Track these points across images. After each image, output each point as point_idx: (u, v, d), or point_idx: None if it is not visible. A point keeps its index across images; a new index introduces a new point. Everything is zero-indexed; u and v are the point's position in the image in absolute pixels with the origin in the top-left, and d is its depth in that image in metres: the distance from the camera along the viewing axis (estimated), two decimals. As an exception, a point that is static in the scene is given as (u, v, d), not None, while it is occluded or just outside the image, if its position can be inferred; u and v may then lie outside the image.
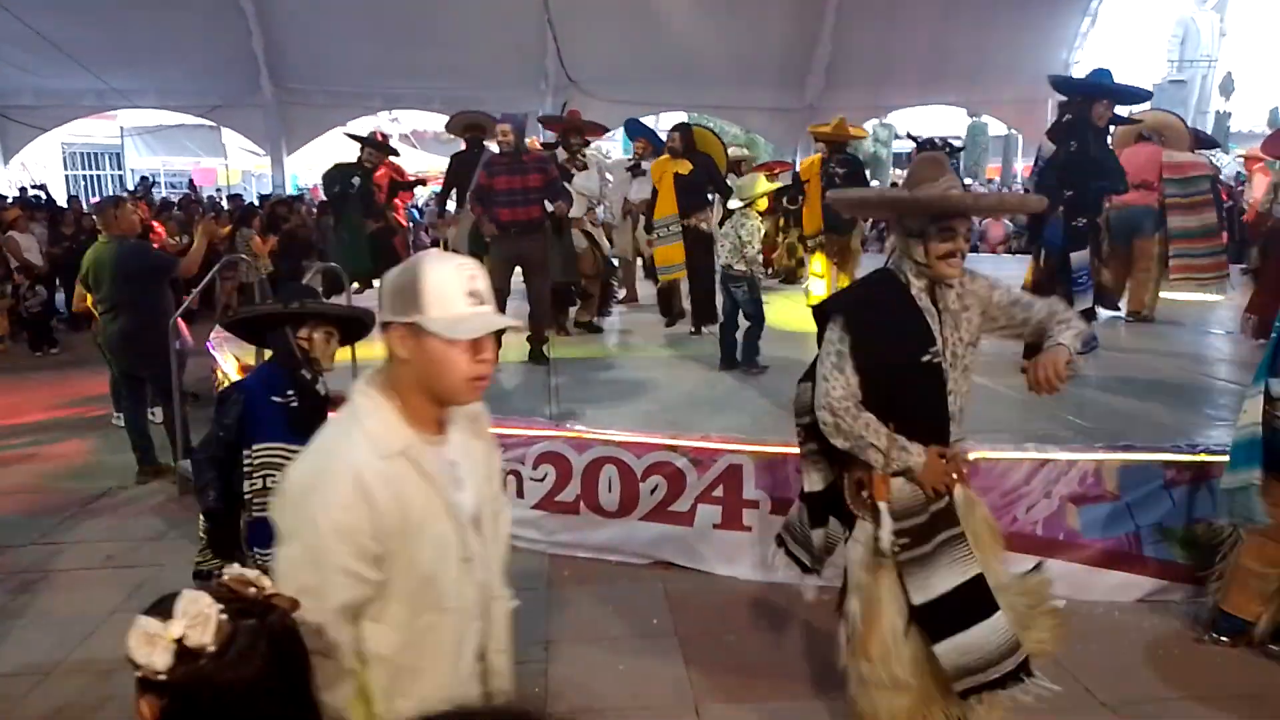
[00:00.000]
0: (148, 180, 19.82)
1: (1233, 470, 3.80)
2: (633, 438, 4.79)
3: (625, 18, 16.63)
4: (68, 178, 24.02)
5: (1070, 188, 5.85)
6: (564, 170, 7.79)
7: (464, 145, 8.85)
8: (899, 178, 19.97)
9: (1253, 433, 3.75)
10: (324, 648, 1.59)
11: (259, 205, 15.79)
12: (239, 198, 18.84)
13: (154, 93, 18.30)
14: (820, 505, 2.91)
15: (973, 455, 2.81)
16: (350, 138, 9.44)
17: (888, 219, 4.52)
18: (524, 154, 6.71)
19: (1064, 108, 6.18)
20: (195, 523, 5.24)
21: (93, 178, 25.05)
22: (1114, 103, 6.07)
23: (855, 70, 18.08)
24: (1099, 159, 5.97)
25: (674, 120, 10.69)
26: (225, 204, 16.87)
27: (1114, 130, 6.74)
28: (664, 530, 4.71)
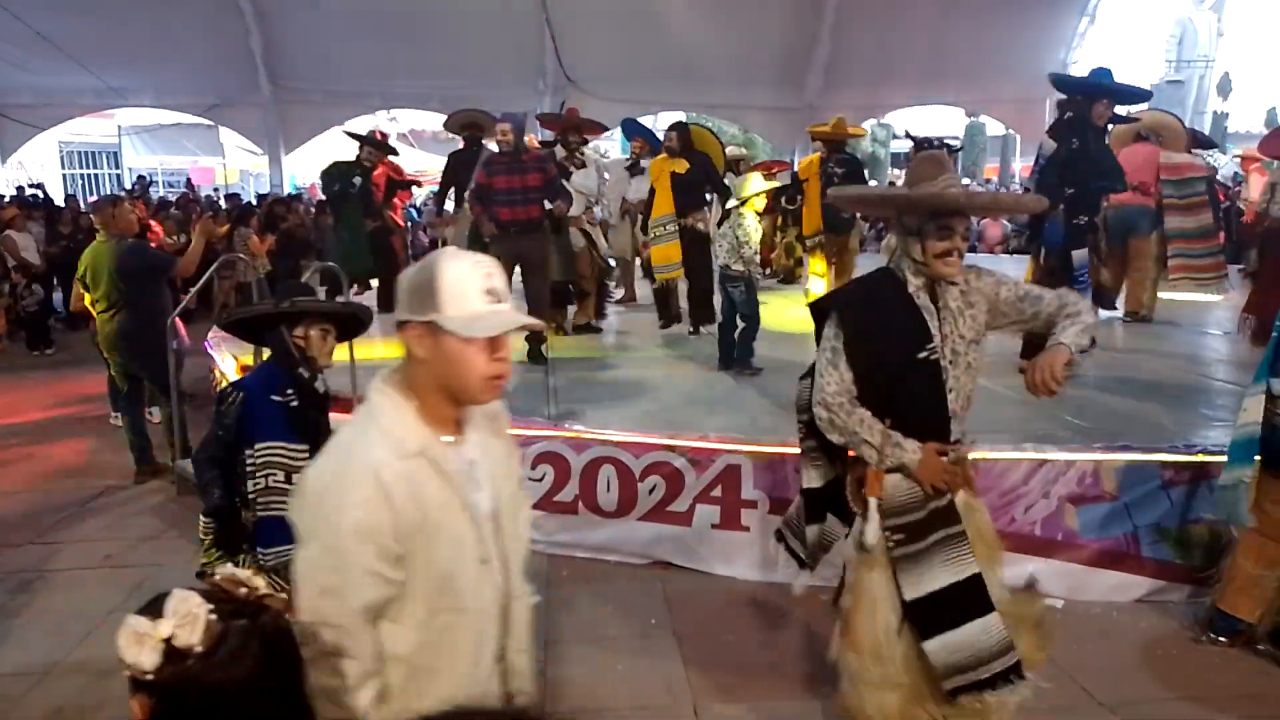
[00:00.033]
0: (145, 179, 19.78)
1: (1229, 468, 3.84)
2: (631, 438, 4.79)
3: (623, 17, 16.61)
4: (65, 177, 23.99)
5: (1071, 185, 5.85)
6: (562, 168, 7.79)
7: (462, 144, 8.85)
8: (897, 177, 19.99)
9: (1251, 432, 3.76)
10: (347, 649, 1.57)
11: (257, 204, 15.79)
12: (237, 197, 18.83)
13: (152, 91, 18.26)
14: (818, 502, 2.93)
15: (971, 455, 2.78)
16: (349, 136, 9.41)
17: (888, 217, 4.53)
18: (523, 153, 6.70)
19: (1063, 106, 6.17)
20: (194, 522, 5.29)
21: (90, 177, 25.00)
22: (1114, 102, 6.06)
23: (854, 70, 18.07)
24: (1098, 158, 5.97)
25: (672, 120, 10.69)
26: (223, 203, 16.85)
27: (1111, 129, 6.73)
28: (662, 530, 4.72)
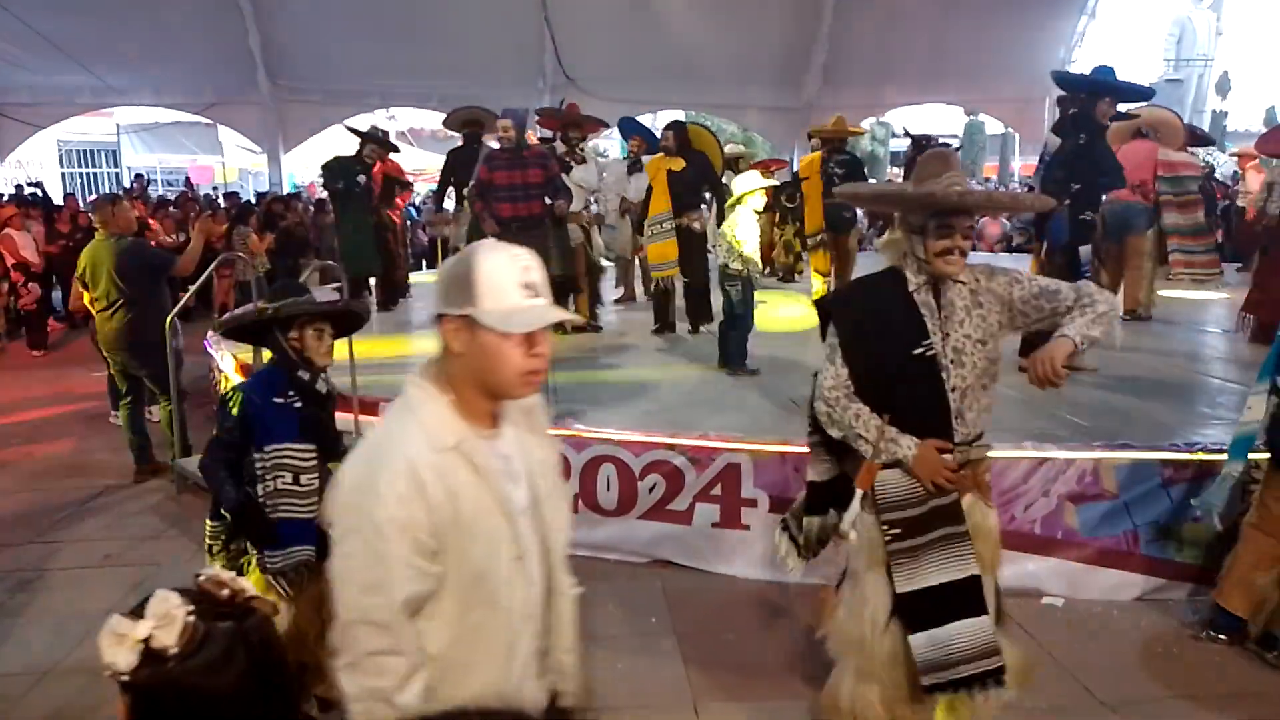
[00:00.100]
0: (143, 178, 19.76)
1: (1227, 465, 3.88)
2: (631, 436, 4.79)
3: (623, 16, 16.58)
4: (64, 175, 23.95)
5: (1077, 182, 5.84)
6: (563, 163, 7.78)
7: (461, 141, 8.85)
8: (896, 175, 19.98)
9: (1252, 430, 3.78)
10: (393, 645, 1.55)
11: (256, 203, 15.79)
12: (235, 195, 18.82)
13: (150, 90, 18.21)
14: (822, 495, 2.93)
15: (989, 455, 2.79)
16: (351, 131, 9.39)
17: (888, 215, 4.52)
18: (524, 149, 6.69)
19: (1066, 104, 6.16)
20: (194, 521, 5.30)
21: (89, 175, 24.95)
22: (1116, 100, 6.06)
23: (853, 69, 18.05)
24: (1101, 155, 5.97)
25: (671, 119, 10.68)
26: (222, 202, 16.83)
27: (1110, 126, 6.75)
28: (662, 529, 4.72)
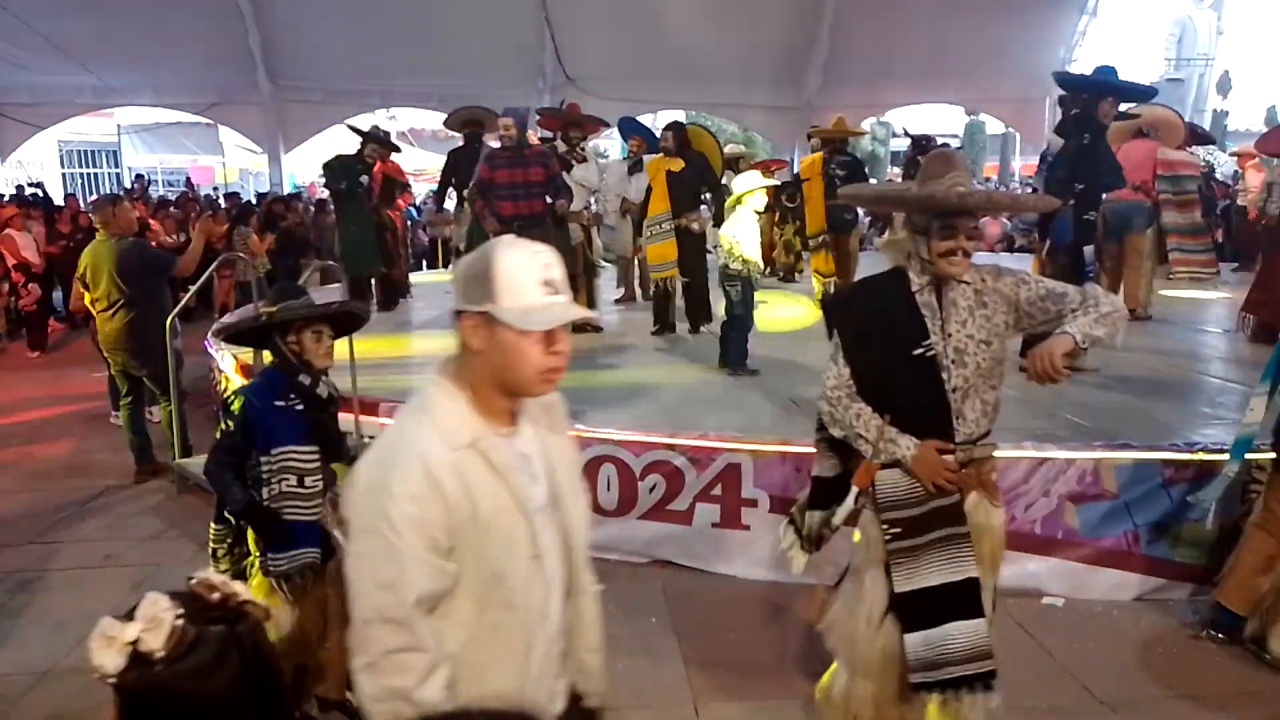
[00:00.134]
0: (144, 178, 19.76)
1: (1228, 465, 3.90)
2: (631, 436, 4.79)
3: (623, 16, 16.58)
4: (64, 175, 23.93)
5: (1080, 181, 5.84)
6: (564, 161, 7.78)
7: (462, 141, 8.85)
8: (896, 175, 19.97)
9: (1252, 432, 3.79)
10: (411, 642, 1.55)
11: (256, 203, 15.79)
12: (236, 196, 18.82)
13: (151, 90, 18.22)
14: (826, 491, 2.94)
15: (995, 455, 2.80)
16: (353, 131, 9.38)
17: (888, 215, 4.52)
18: (525, 148, 6.69)
19: (1068, 104, 6.15)
20: (194, 521, 5.30)
21: (89, 176, 24.94)
22: (1119, 100, 6.06)
23: (853, 68, 18.04)
24: (1103, 155, 5.97)
25: (672, 119, 10.68)
26: (222, 202, 16.83)
27: (1110, 126, 6.75)
28: (663, 529, 4.72)
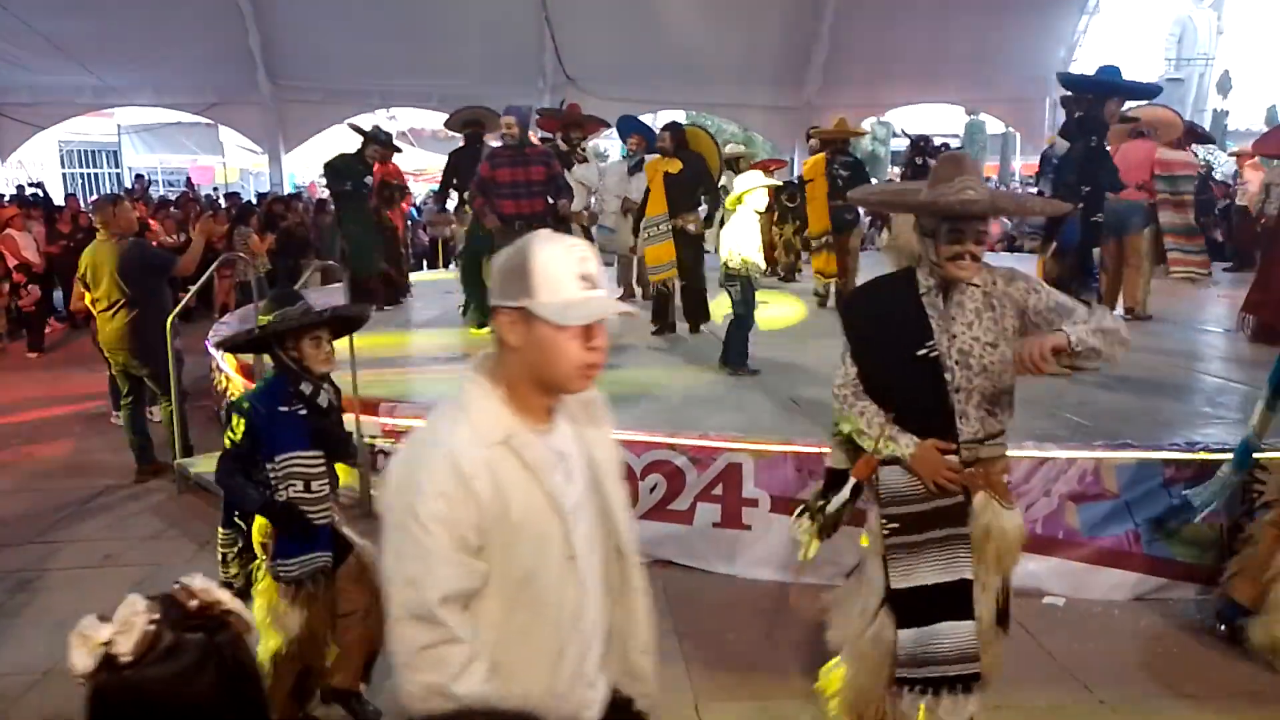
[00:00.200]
0: (144, 178, 19.77)
1: (1229, 465, 3.92)
2: (632, 436, 4.77)
3: (623, 16, 16.57)
4: (65, 176, 23.93)
5: (1087, 184, 5.84)
6: (564, 160, 7.78)
7: (463, 142, 8.84)
8: (896, 176, 19.98)
9: (1249, 439, 3.82)
10: (444, 636, 1.53)
11: (256, 203, 15.80)
12: (236, 196, 18.82)
13: (151, 90, 18.21)
14: (839, 481, 2.97)
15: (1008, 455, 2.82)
16: (354, 130, 9.37)
17: (886, 215, 4.54)
18: (527, 147, 6.69)
19: (1071, 105, 6.14)
20: (195, 521, 5.31)
21: (90, 176, 24.95)
22: (1124, 100, 6.06)
23: (853, 68, 18.03)
24: (1106, 157, 5.97)
25: (672, 118, 10.67)
26: (223, 202, 16.83)
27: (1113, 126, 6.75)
28: (663, 529, 4.71)
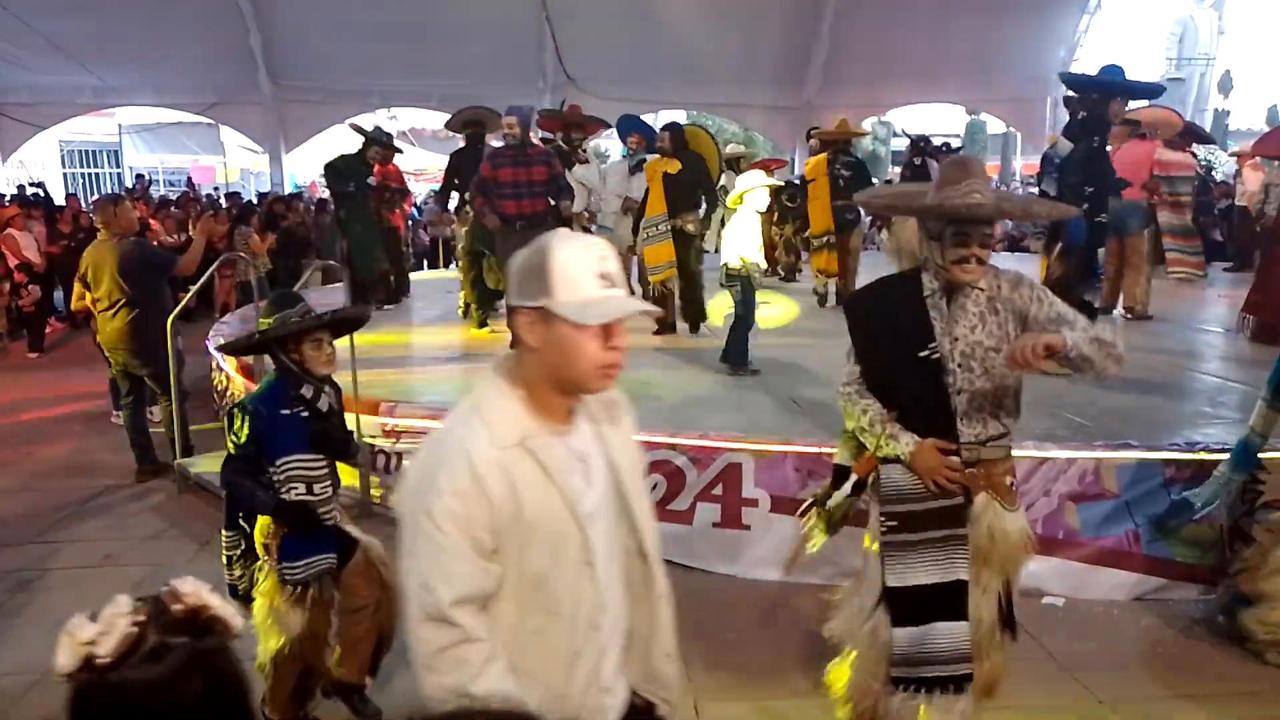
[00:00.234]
0: (145, 178, 19.77)
1: (1225, 464, 3.93)
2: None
3: (623, 15, 16.59)
4: (65, 175, 23.94)
5: (1091, 184, 5.84)
6: (565, 160, 7.78)
7: (464, 142, 8.84)
8: (895, 175, 19.97)
9: (1248, 437, 3.81)
10: (461, 636, 1.52)
11: (257, 203, 15.80)
12: (237, 195, 18.81)
13: (152, 90, 18.22)
14: (844, 477, 2.99)
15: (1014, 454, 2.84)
16: (356, 130, 9.36)
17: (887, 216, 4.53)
18: (529, 147, 6.68)
19: (1075, 105, 6.14)
20: (195, 521, 5.32)
21: (91, 175, 24.95)
22: (1128, 100, 6.06)
23: (853, 68, 18.04)
24: (1107, 158, 5.98)
25: (672, 118, 10.67)
26: (223, 202, 16.83)
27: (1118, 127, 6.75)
28: (663, 529, 4.65)
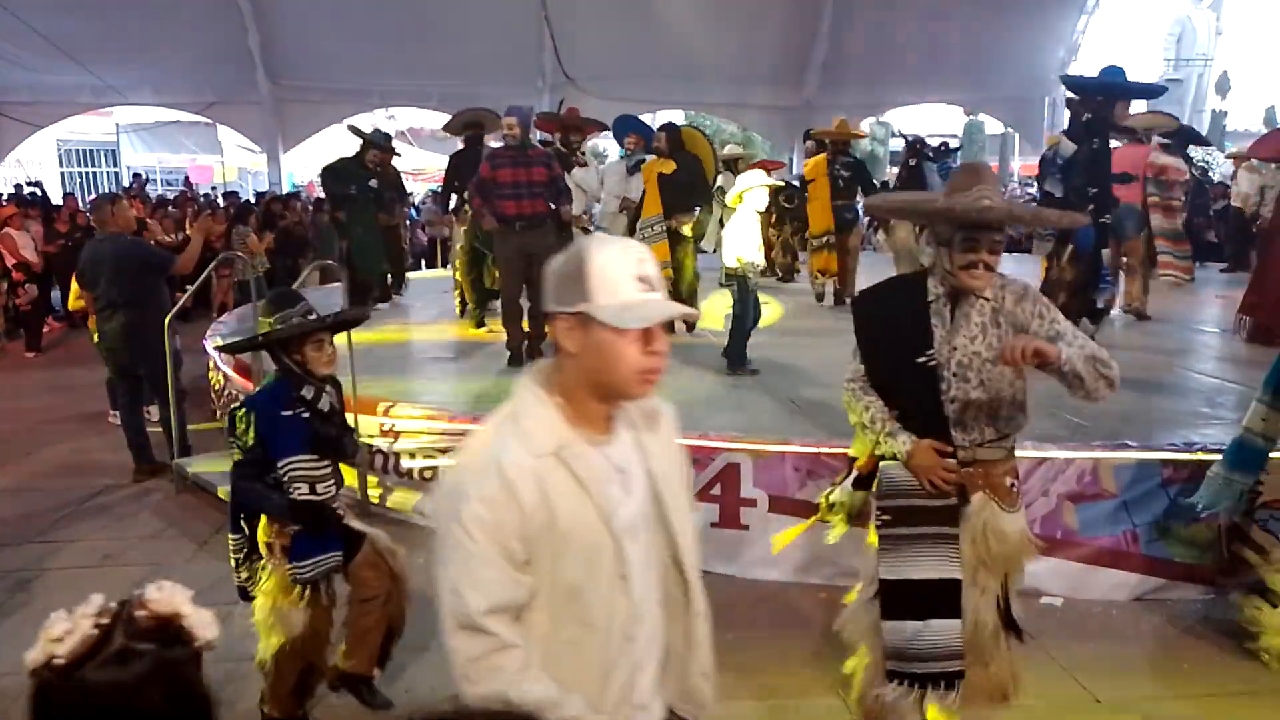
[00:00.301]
0: (142, 177, 19.75)
1: (1220, 463, 3.91)
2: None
3: (622, 15, 16.60)
4: (63, 175, 23.92)
5: (1095, 185, 5.86)
6: (564, 162, 7.77)
7: (463, 144, 8.83)
8: (892, 176, 19.99)
9: (1245, 437, 3.81)
10: (491, 645, 1.50)
11: (255, 202, 15.79)
12: (235, 195, 18.81)
13: (149, 89, 18.19)
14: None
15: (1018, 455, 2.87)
16: (353, 131, 9.35)
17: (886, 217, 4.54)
18: (529, 148, 6.68)
19: (1079, 107, 6.15)
20: (193, 521, 5.32)
21: (88, 175, 24.92)
22: (1131, 100, 6.08)
23: (852, 68, 18.07)
24: (1108, 159, 5.99)
25: (670, 118, 10.67)
26: (221, 201, 16.82)
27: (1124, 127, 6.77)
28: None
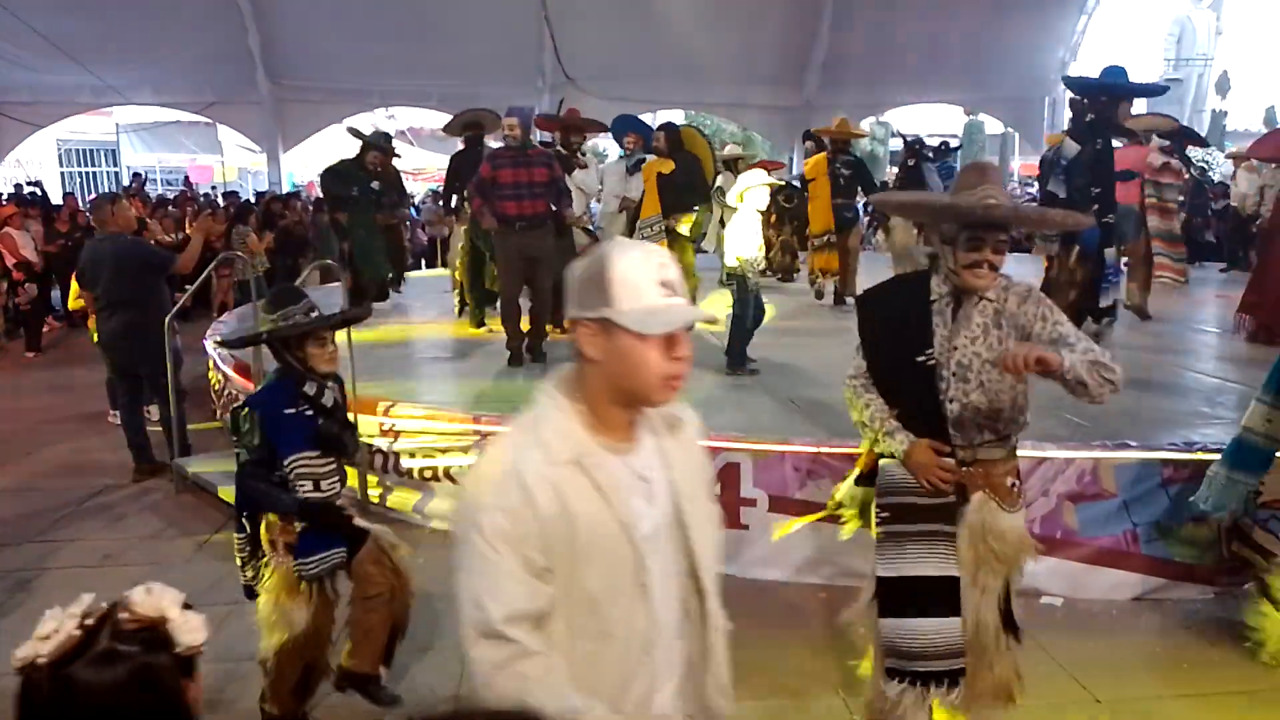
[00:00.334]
0: (142, 177, 19.75)
1: (1220, 463, 3.90)
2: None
3: (622, 15, 16.60)
4: (63, 174, 23.93)
5: (1098, 185, 5.87)
6: (565, 163, 7.77)
7: (463, 144, 8.83)
8: (891, 176, 19.99)
9: (1245, 437, 3.81)
10: (512, 653, 1.49)
11: (255, 202, 15.79)
12: (235, 195, 18.82)
13: (149, 89, 18.19)
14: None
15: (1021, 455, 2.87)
16: (352, 133, 9.34)
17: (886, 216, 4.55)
18: (529, 149, 6.68)
19: (1082, 108, 6.16)
20: (193, 521, 5.32)
21: (88, 174, 24.93)
22: (1134, 100, 6.10)
23: (852, 68, 18.06)
24: (1110, 159, 6.01)
25: (670, 118, 10.67)
26: (221, 201, 16.83)
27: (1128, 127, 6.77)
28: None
